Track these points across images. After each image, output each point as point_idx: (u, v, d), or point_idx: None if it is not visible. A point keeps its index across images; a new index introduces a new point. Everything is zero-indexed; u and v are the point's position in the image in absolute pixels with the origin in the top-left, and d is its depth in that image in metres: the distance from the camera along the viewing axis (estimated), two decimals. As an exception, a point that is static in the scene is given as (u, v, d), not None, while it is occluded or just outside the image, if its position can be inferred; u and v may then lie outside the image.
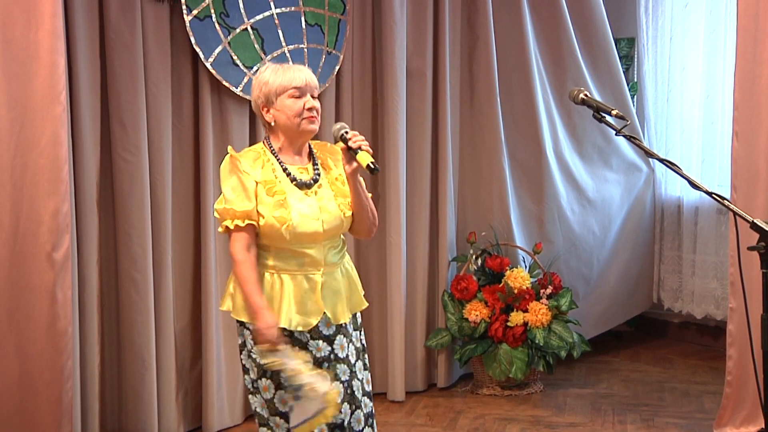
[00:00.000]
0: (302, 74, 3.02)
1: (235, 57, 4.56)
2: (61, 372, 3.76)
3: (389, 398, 5.18)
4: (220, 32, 4.52)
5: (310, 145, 3.13)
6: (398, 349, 5.16)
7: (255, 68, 4.60)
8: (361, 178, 3.07)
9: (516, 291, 5.21)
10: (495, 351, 5.16)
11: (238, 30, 4.58)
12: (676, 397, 5.20)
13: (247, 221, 2.95)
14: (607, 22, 5.84)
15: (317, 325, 3.02)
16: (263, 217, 2.94)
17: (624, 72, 6.04)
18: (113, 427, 4.48)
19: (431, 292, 5.42)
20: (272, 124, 3.03)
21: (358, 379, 3.13)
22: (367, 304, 3.21)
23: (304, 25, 4.79)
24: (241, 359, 3.09)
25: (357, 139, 2.95)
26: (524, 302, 5.21)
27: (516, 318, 5.15)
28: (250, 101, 4.59)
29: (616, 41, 6.01)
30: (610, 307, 6.08)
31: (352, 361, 3.12)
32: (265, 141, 3.08)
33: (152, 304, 4.40)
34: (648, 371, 5.73)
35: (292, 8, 4.76)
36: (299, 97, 2.99)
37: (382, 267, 5.19)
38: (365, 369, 3.19)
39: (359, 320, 3.21)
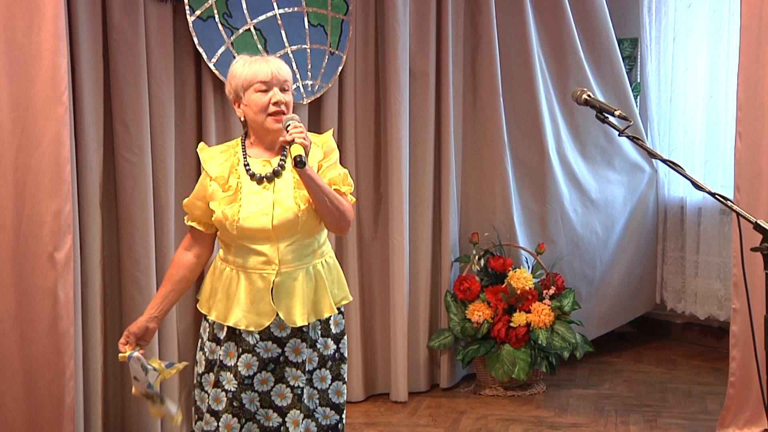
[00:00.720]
0: (268, 66, 2.93)
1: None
2: (63, 372, 3.76)
3: (392, 399, 5.18)
4: (223, 32, 4.52)
5: None
6: (401, 350, 5.16)
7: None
8: (327, 170, 2.98)
9: (519, 292, 5.20)
10: (498, 351, 5.16)
11: (241, 30, 4.58)
12: (679, 397, 5.19)
13: (189, 222, 3.05)
14: (610, 23, 5.84)
15: (269, 326, 2.95)
16: (214, 213, 2.92)
17: (627, 72, 6.03)
18: (116, 427, 4.48)
19: (434, 293, 5.42)
20: (242, 119, 3.01)
21: (313, 387, 3.03)
22: (335, 312, 3.05)
23: (307, 26, 4.79)
24: (197, 351, 3.10)
25: (293, 131, 2.82)
26: (527, 303, 5.21)
27: (519, 319, 5.14)
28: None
29: (619, 41, 6.00)
30: (613, 308, 6.08)
31: (309, 368, 3.01)
32: (243, 134, 3.08)
33: (155, 305, 4.40)
34: (651, 372, 5.72)
35: (295, 9, 4.76)
36: (265, 91, 2.91)
37: (384, 267, 5.19)
38: (337, 379, 3.09)
39: (334, 327, 3.08)
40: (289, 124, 2.87)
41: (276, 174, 2.95)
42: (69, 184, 3.77)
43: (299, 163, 2.77)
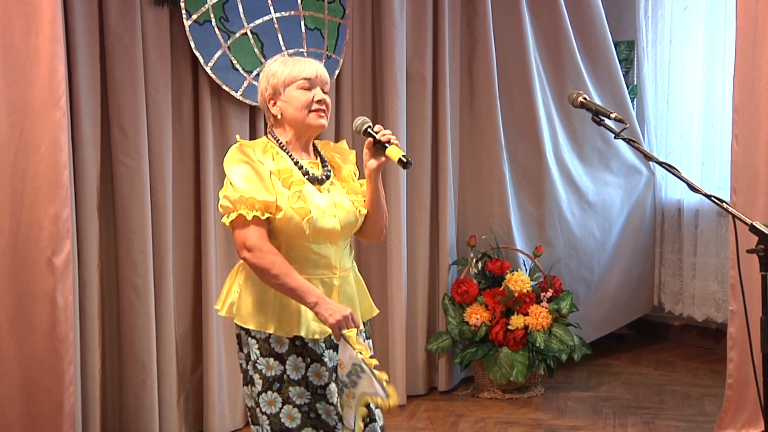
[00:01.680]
0: (313, 66, 2.86)
1: (234, 61, 4.56)
2: (62, 377, 3.76)
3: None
4: (219, 37, 4.53)
5: (314, 143, 2.96)
6: (399, 353, 5.16)
7: (255, 72, 4.60)
8: (358, 181, 2.97)
9: (516, 294, 5.21)
10: (496, 354, 5.16)
11: (237, 34, 4.59)
12: (677, 400, 5.20)
13: (267, 214, 2.71)
14: (607, 26, 5.85)
15: (330, 334, 2.81)
16: (281, 210, 2.72)
17: (624, 75, 6.04)
18: None
19: (432, 296, 5.42)
20: (279, 116, 2.85)
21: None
22: (377, 311, 3.06)
23: (303, 30, 4.80)
24: (247, 370, 2.87)
25: (385, 133, 2.81)
26: (525, 305, 5.21)
27: (516, 321, 5.15)
28: (250, 105, 4.64)
29: (616, 44, 6.02)
30: (611, 310, 6.09)
31: None
32: (269, 135, 2.89)
33: (153, 309, 4.40)
34: (649, 374, 5.73)
35: (292, 12, 4.77)
36: (308, 89, 2.83)
37: (382, 271, 5.19)
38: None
39: (368, 329, 3.05)
40: (367, 127, 2.84)
41: (327, 177, 2.89)
42: (67, 188, 3.77)
43: (407, 164, 2.75)
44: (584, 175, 5.87)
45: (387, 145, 2.79)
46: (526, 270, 5.48)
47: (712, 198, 2.74)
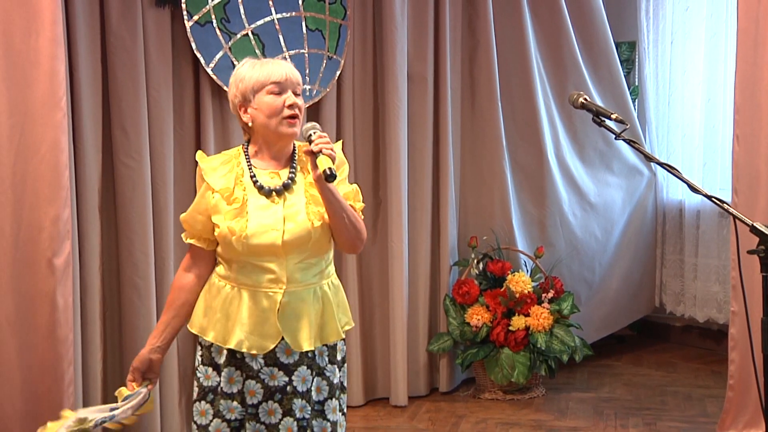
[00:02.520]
0: (281, 68, 2.72)
1: (236, 62, 4.55)
2: (62, 378, 3.76)
3: (392, 403, 5.17)
4: (221, 37, 4.53)
5: (294, 148, 2.82)
6: (400, 354, 5.16)
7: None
8: (345, 186, 2.81)
9: (518, 295, 5.20)
10: (497, 355, 5.15)
11: (238, 35, 4.59)
12: (679, 401, 5.19)
13: (189, 240, 2.79)
14: (608, 26, 5.85)
15: (274, 350, 2.71)
16: (218, 227, 2.68)
17: (625, 76, 6.04)
18: (115, 433, 4.48)
19: (433, 297, 5.42)
20: (250, 124, 2.74)
21: (326, 420, 2.79)
22: (342, 337, 2.83)
23: (304, 30, 4.80)
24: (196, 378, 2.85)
25: (319, 142, 2.62)
26: (526, 306, 5.21)
27: (518, 322, 5.14)
28: (251, 106, 4.63)
29: (617, 45, 6.01)
30: (612, 311, 6.08)
31: (318, 399, 2.79)
32: (243, 144, 2.82)
33: (154, 310, 4.40)
34: (650, 375, 5.72)
35: (293, 13, 4.77)
36: (279, 93, 2.69)
37: (383, 272, 5.19)
38: (340, 412, 2.83)
39: (340, 354, 2.86)
40: (311, 133, 2.67)
41: (286, 187, 2.73)
42: (68, 189, 3.77)
43: (330, 177, 2.56)
44: (585, 176, 5.87)
45: (319, 154, 2.61)
46: (528, 271, 5.48)
47: (713, 199, 2.73)
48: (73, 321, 3.87)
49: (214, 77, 4.50)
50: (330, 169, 2.57)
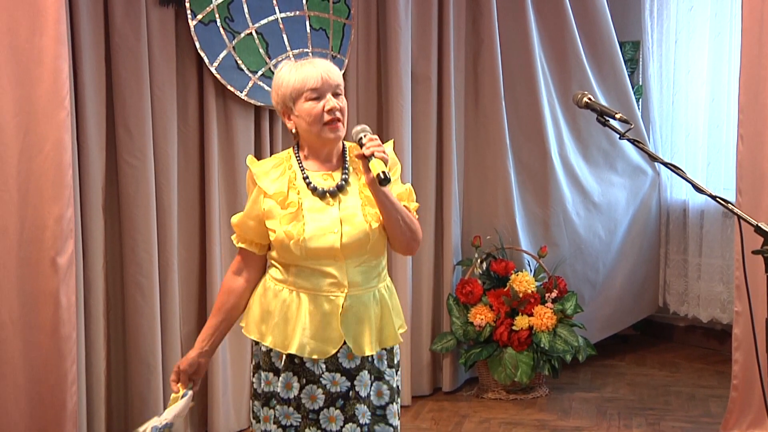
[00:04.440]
0: (317, 71, 2.65)
1: (239, 61, 4.56)
2: (65, 377, 3.76)
3: (395, 402, 5.17)
4: (224, 37, 4.53)
5: (345, 148, 2.80)
6: (404, 353, 5.14)
7: (260, 72, 4.60)
8: (399, 187, 2.77)
9: (521, 295, 5.20)
10: (500, 355, 5.15)
11: (242, 34, 4.59)
12: (682, 401, 5.19)
13: (239, 244, 2.77)
14: (612, 26, 5.84)
15: (336, 355, 2.67)
16: (274, 232, 2.65)
17: (629, 75, 6.03)
18: None
19: (436, 296, 5.42)
20: (293, 131, 2.73)
21: (390, 425, 2.74)
22: (401, 341, 2.81)
23: (308, 30, 4.80)
24: (253, 382, 2.83)
25: (371, 145, 2.59)
26: (529, 306, 5.21)
27: (521, 322, 5.14)
28: (255, 105, 4.64)
29: (621, 44, 6.01)
30: (616, 311, 6.08)
31: (379, 404, 2.74)
32: (294, 146, 2.78)
33: (158, 309, 4.41)
34: (654, 375, 5.72)
35: (297, 12, 4.77)
36: (317, 98, 2.65)
37: (387, 271, 5.18)
38: (397, 417, 2.78)
39: (396, 357, 2.82)
40: (362, 137, 2.64)
41: (340, 188, 2.69)
42: (71, 188, 3.78)
43: (384, 181, 2.53)
44: (589, 176, 5.86)
45: (371, 158, 2.59)
46: (531, 270, 5.48)
47: (718, 199, 2.73)
48: (76, 320, 3.87)
49: (218, 76, 4.50)
50: (383, 172, 2.54)
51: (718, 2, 5.89)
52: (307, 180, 2.69)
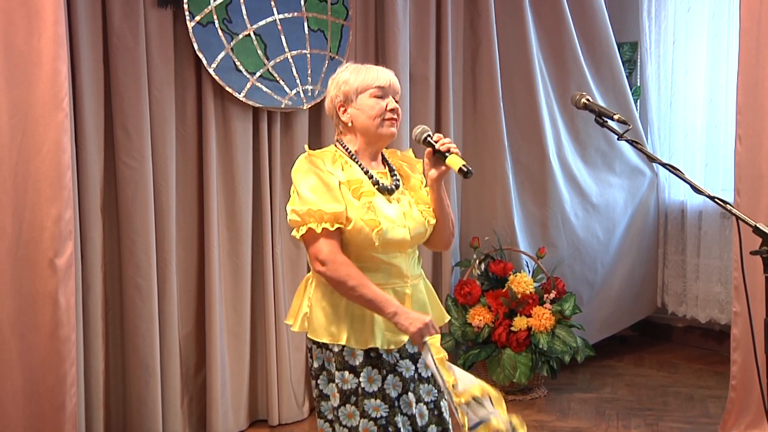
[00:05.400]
0: (386, 75, 2.85)
1: (237, 63, 4.56)
2: (64, 378, 3.76)
3: (393, 403, 5.17)
4: (222, 38, 4.53)
5: (382, 153, 2.94)
6: (402, 355, 5.15)
7: (258, 74, 4.60)
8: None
9: (519, 296, 5.20)
10: (499, 356, 5.15)
11: (240, 36, 4.59)
12: (681, 401, 5.19)
13: (336, 225, 2.69)
14: (610, 27, 5.85)
15: (405, 343, 2.81)
16: (350, 221, 2.71)
17: (627, 76, 6.04)
18: (117, 433, 4.49)
19: (435, 297, 5.42)
20: (350, 124, 2.83)
21: (446, 399, 2.85)
22: (448, 318, 3.01)
23: (306, 31, 4.80)
24: (318, 384, 2.85)
25: (444, 142, 2.80)
26: (528, 307, 5.21)
27: (519, 323, 5.14)
28: (253, 107, 4.64)
29: (619, 45, 6.01)
30: (614, 312, 6.08)
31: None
32: (337, 143, 2.88)
33: (156, 311, 4.41)
34: (652, 376, 5.72)
35: (295, 14, 4.77)
36: (381, 97, 2.81)
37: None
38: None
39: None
40: (428, 135, 2.84)
41: (396, 187, 2.88)
42: (69, 190, 3.77)
43: (468, 173, 2.73)
44: (587, 177, 5.87)
45: (447, 154, 2.78)
46: (530, 271, 5.48)
47: (716, 199, 2.73)
48: (75, 321, 3.86)
49: (216, 78, 4.50)
50: (465, 165, 2.74)
51: (715, 3, 5.90)
52: (369, 174, 2.83)
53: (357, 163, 2.83)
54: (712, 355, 6.09)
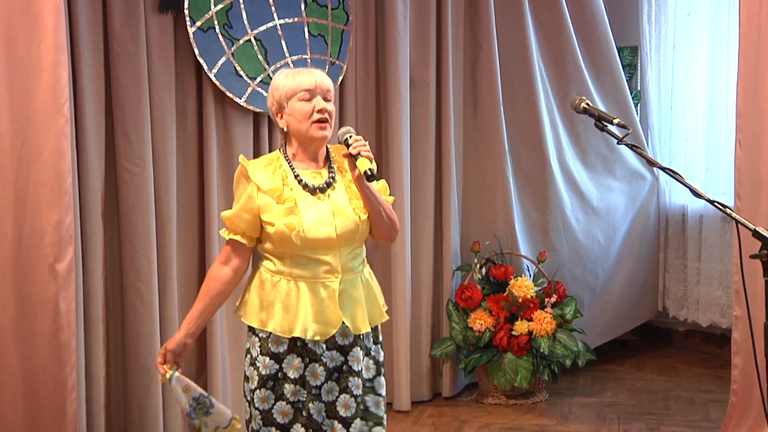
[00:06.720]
0: (312, 77, 2.95)
1: (238, 68, 4.57)
2: (65, 383, 3.76)
3: (395, 408, 5.17)
4: (223, 43, 4.54)
5: (328, 149, 3.06)
6: (403, 359, 5.16)
7: (259, 79, 4.61)
8: (376, 183, 3.00)
9: (520, 300, 5.20)
10: (500, 360, 5.15)
11: (241, 41, 4.60)
12: (682, 405, 5.19)
13: (231, 236, 2.98)
14: (610, 31, 5.86)
15: (334, 335, 2.95)
16: (273, 226, 2.89)
17: (627, 80, 6.04)
18: (118, 438, 4.49)
19: (436, 302, 5.42)
20: (285, 129, 2.98)
21: (377, 395, 3.08)
22: (387, 318, 3.13)
23: (307, 36, 4.81)
24: (244, 365, 3.04)
25: (357, 145, 2.88)
26: (529, 311, 5.21)
27: (520, 327, 5.14)
28: (254, 112, 4.65)
29: (619, 50, 6.02)
30: (615, 316, 6.08)
31: (368, 377, 3.06)
32: (280, 148, 3.04)
33: (157, 315, 4.40)
34: (653, 380, 5.72)
35: (296, 19, 4.78)
36: (309, 99, 2.92)
37: (386, 276, 5.19)
38: (384, 388, 3.11)
39: (380, 335, 3.14)
40: (347, 137, 2.92)
41: (329, 185, 2.97)
42: (70, 195, 3.77)
43: (370, 177, 2.84)
44: (588, 181, 5.87)
45: (358, 156, 2.87)
46: (530, 275, 5.48)
47: (716, 203, 2.74)
48: (75, 326, 3.87)
49: (217, 83, 4.51)
50: (370, 170, 2.84)
51: (715, 8, 5.91)
52: (299, 177, 2.95)
53: (290, 166, 2.97)
54: (713, 359, 6.09)
